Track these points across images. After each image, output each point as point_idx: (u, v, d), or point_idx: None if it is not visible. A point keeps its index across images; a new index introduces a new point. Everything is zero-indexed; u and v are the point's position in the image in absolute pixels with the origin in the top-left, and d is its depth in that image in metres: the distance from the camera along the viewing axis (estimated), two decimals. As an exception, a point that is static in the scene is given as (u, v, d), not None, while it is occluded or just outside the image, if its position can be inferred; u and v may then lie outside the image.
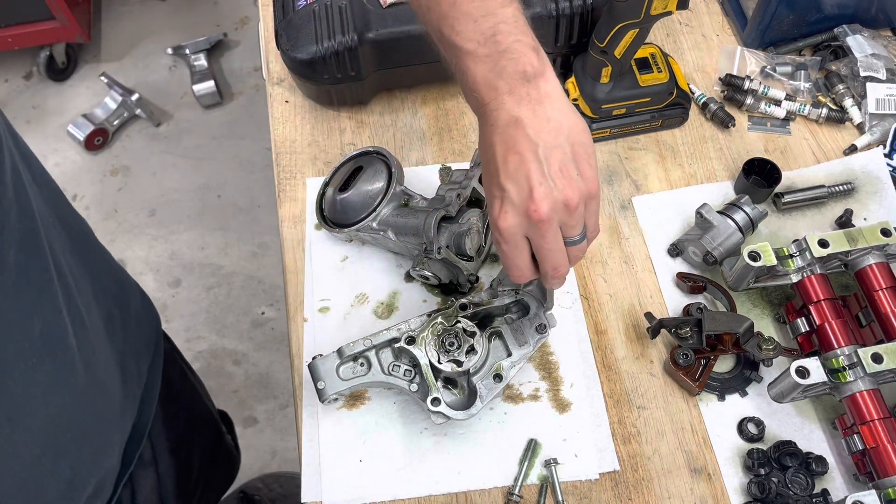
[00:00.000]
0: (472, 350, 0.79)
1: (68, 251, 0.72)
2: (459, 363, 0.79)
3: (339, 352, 0.81)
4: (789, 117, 1.05)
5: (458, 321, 0.80)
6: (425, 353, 0.79)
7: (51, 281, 0.65)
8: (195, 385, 1.15)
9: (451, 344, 0.79)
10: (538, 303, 0.82)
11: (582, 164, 0.65)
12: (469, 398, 0.81)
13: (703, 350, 0.86)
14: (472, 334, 0.80)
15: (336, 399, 0.83)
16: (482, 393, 0.80)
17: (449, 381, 0.82)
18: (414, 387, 0.80)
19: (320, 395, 0.80)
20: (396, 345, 0.80)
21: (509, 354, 0.82)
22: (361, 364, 0.81)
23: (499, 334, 0.83)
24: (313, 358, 0.82)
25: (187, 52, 2.44)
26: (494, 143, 0.64)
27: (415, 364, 0.80)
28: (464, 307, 0.81)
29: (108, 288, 0.82)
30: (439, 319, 0.80)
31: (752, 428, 0.85)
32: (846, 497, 0.74)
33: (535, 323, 0.82)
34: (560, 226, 0.66)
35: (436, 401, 0.78)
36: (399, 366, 0.81)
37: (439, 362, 0.79)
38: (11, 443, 0.61)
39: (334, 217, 0.94)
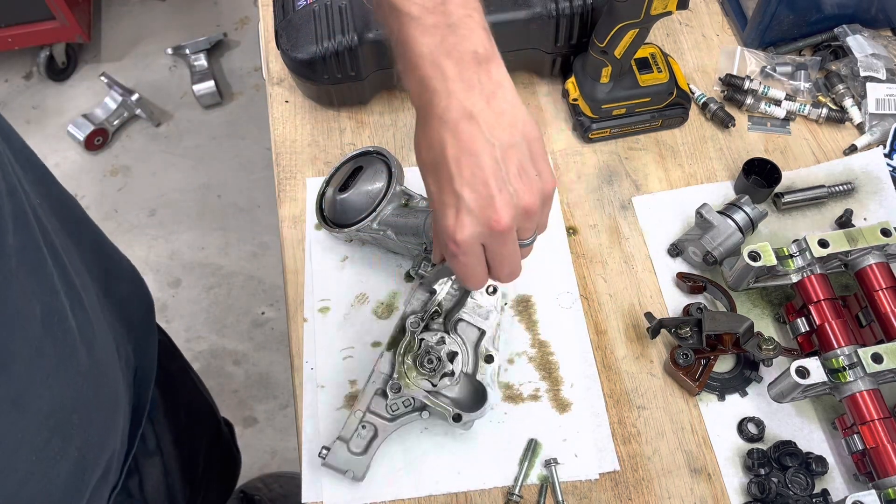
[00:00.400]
0: (453, 355, 0.79)
1: (60, 230, 0.70)
2: (451, 373, 0.79)
3: (341, 438, 0.79)
4: (789, 117, 1.05)
5: (422, 340, 0.79)
6: (419, 389, 0.78)
7: (45, 261, 0.63)
8: (196, 382, 1.15)
9: (431, 362, 0.79)
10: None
11: (539, 162, 0.61)
12: (471, 383, 0.80)
13: (703, 350, 0.86)
14: (442, 341, 0.79)
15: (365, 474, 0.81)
16: (487, 382, 0.80)
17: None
18: (426, 415, 0.80)
19: (356, 478, 0.79)
20: (389, 395, 0.79)
21: (482, 333, 0.81)
22: (365, 427, 0.80)
23: (460, 320, 0.82)
24: (321, 456, 0.79)
25: (187, 52, 2.44)
26: (445, 142, 0.58)
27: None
28: (416, 325, 0.80)
29: (101, 266, 0.80)
30: (405, 355, 0.79)
31: (752, 428, 0.85)
32: (846, 497, 0.74)
33: (485, 289, 0.81)
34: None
35: (457, 416, 0.77)
36: (397, 403, 0.79)
37: (435, 387, 0.78)
38: (19, 428, 0.60)
39: (334, 217, 0.94)
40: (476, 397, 0.80)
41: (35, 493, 0.63)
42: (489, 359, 0.80)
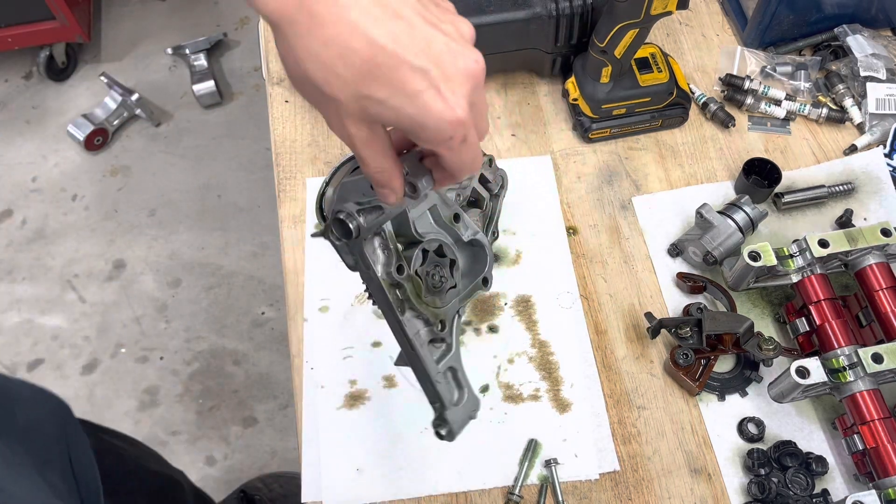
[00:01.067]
0: (454, 265, 0.73)
1: None
2: (454, 286, 0.73)
3: (451, 404, 0.70)
4: (789, 117, 1.05)
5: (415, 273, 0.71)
6: (446, 305, 0.72)
7: None
8: (139, 456, 1.10)
9: (434, 276, 0.72)
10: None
11: None
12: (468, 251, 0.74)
13: (703, 350, 0.86)
14: (439, 253, 0.73)
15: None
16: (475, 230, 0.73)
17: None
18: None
19: (475, 415, 0.71)
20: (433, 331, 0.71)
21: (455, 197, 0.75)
22: (446, 375, 0.72)
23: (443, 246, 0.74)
24: (449, 435, 0.70)
25: (187, 52, 2.44)
26: (357, 21, 0.47)
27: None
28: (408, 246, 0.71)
29: None
30: (419, 297, 0.71)
31: (752, 428, 0.85)
32: (846, 497, 0.74)
33: (463, 195, 0.75)
34: None
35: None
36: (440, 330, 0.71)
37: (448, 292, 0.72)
38: None
39: (334, 217, 0.93)
40: (477, 258, 0.74)
41: None
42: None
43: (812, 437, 0.84)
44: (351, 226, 0.64)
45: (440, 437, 0.70)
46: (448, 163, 0.54)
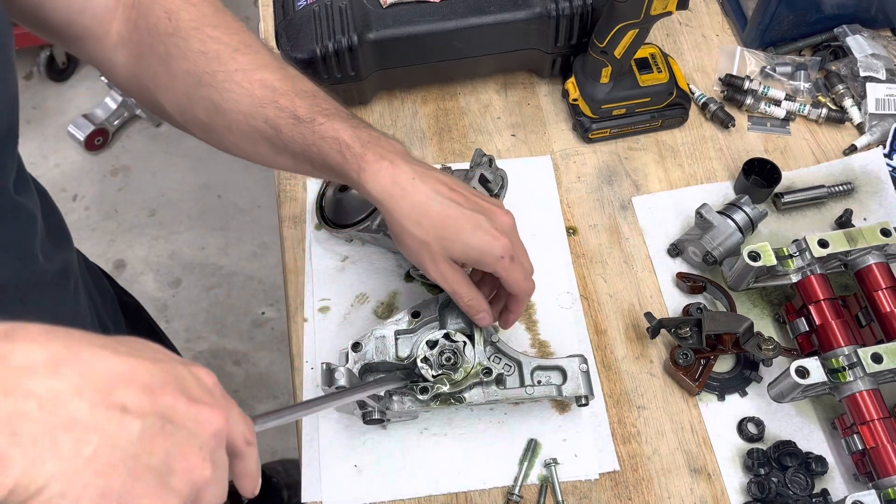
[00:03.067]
0: (466, 346, 0.79)
1: None
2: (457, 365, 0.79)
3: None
4: (789, 117, 1.05)
5: (434, 344, 0.79)
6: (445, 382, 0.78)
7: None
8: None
9: (449, 359, 0.79)
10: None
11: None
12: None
13: (702, 350, 0.86)
14: (451, 341, 0.79)
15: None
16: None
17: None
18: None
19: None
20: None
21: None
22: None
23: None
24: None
25: (187, 52, 2.44)
26: (430, 191, 0.70)
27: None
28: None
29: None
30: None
31: (751, 428, 0.85)
32: (846, 497, 0.74)
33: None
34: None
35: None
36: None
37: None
38: None
39: (334, 217, 0.94)
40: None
41: None
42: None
43: (812, 437, 0.84)
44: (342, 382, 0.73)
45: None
46: (506, 281, 0.73)
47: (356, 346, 0.80)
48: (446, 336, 0.79)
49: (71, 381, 0.39)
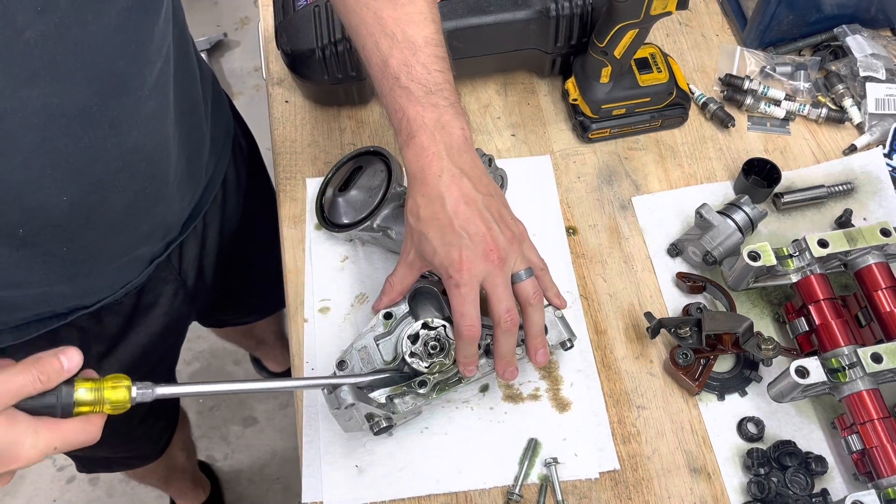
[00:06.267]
0: (446, 328, 0.79)
1: None
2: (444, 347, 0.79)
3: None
4: (789, 117, 1.05)
5: (417, 335, 0.79)
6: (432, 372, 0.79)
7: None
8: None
9: (435, 347, 0.79)
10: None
11: (508, 212, 0.76)
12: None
13: (702, 350, 0.86)
14: (431, 328, 0.79)
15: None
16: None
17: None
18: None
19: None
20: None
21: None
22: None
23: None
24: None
25: (187, 51, 2.44)
26: (444, 196, 0.72)
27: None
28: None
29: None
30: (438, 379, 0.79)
31: (751, 428, 0.85)
32: (846, 497, 0.74)
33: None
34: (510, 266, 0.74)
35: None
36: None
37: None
38: (121, 150, 0.73)
39: (334, 217, 0.94)
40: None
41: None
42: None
43: (811, 437, 0.84)
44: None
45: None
46: (452, 299, 0.74)
47: (341, 365, 0.80)
48: (424, 325, 0.79)
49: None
